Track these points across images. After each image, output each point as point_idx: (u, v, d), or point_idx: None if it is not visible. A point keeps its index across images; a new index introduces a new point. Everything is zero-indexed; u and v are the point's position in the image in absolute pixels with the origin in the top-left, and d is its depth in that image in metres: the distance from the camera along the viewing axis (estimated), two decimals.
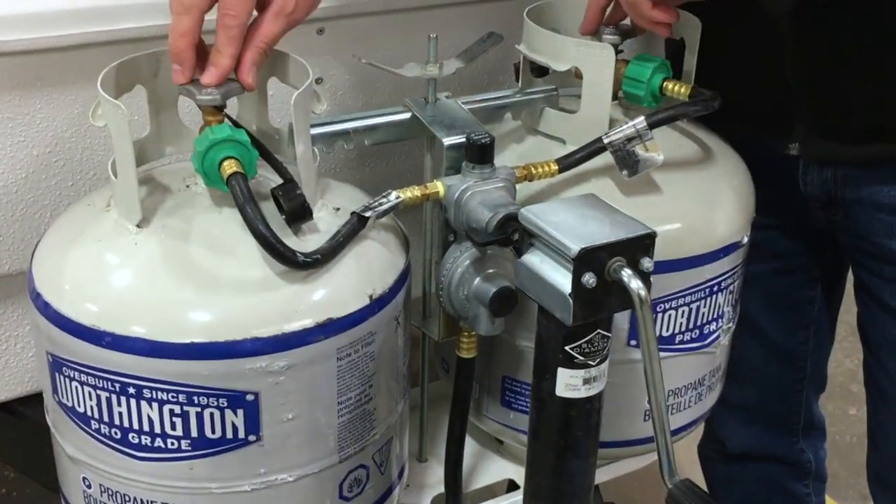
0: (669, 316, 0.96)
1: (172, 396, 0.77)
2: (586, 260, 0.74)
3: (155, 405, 0.78)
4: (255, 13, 0.82)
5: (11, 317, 1.04)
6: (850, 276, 1.26)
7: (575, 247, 0.73)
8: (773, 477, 1.37)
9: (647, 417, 1.01)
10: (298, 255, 0.77)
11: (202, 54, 0.83)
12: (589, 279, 0.74)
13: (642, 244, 0.76)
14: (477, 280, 0.88)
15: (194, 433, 0.79)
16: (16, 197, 0.96)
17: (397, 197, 0.84)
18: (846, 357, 2.25)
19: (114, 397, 0.78)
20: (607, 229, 0.76)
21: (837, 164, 1.05)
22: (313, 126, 0.87)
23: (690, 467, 1.47)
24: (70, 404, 0.82)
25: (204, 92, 0.81)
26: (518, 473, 1.11)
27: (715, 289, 0.98)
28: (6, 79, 0.91)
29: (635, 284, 0.74)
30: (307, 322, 0.79)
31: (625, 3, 0.94)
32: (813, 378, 1.30)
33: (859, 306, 1.16)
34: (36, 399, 1.06)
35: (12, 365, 1.06)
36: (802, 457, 1.36)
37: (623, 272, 0.74)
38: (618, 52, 0.96)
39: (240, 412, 0.79)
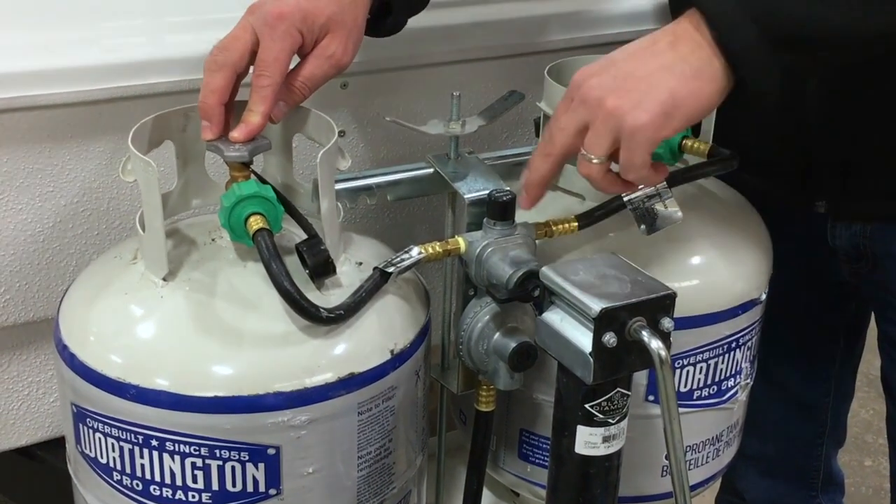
0: (687, 372, 0.97)
1: (195, 449, 0.78)
2: (607, 320, 0.74)
3: (177, 458, 0.79)
4: None
5: (34, 362, 1.05)
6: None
7: (596, 307, 0.74)
8: None
9: (664, 473, 1.01)
10: (322, 310, 0.78)
11: (229, 109, 0.84)
12: (609, 339, 0.75)
13: (662, 304, 0.76)
14: (497, 335, 0.88)
15: (215, 486, 0.79)
16: (42, 245, 0.98)
17: (419, 252, 0.85)
18: (861, 408, 2.24)
19: (136, 449, 0.79)
20: (628, 289, 0.76)
21: (866, 221, 1.05)
22: (337, 181, 0.88)
23: None
24: (93, 455, 0.82)
25: (231, 148, 0.82)
26: None
27: (733, 345, 0.98)
28: (38, 131, 0.93)
29: (655, 344, 0.75)
30: (329, 377, 0.80)
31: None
32: (833, 432, 1.30)
33: (884, 360, 1.16)
34: (55, 444, 1.07)
35: (33, 410, 1.07)
36: None
37: (643, 332, 0.75)
38: None
39: (261, 466, 0.79)
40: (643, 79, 0.75)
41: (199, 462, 0.78)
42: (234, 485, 0.79)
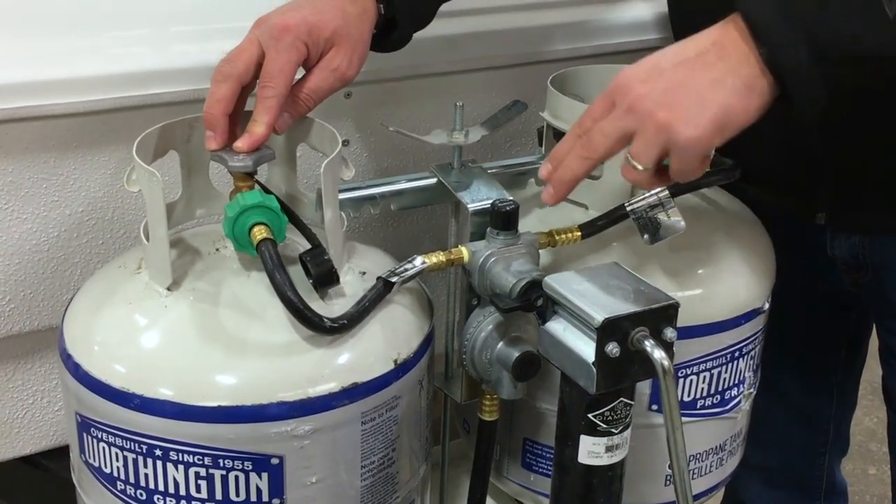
0: (691, 381, 0.97)
1: (198, 459, 0.78)
2: (610, 330, 0.74)
3: (181, 467, 0.79)
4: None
5: (39, 371, 1.05)
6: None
7: (599, 317, 0.74)
8: None
9: (667, 482, 1.01)
10: (325, 320, 0.79)
11: (233, 119, 0.85)
12: (612, 349, 0.75)
13: (665, 314, 0.76)
14: (500, 344, 0.88)
15: (219, 496, 0.79)
16: (47, 255, 0.98)
17: (423, 262, 0.85)
18: (865, 416, 2.23)
19: (140, 459, 0.79)
20: (631, 299, 0.77)
21: (866, 233, 1.05)
22: (341, 191, 0.88)
23: None
24: (97, 465, 0.83)
25: (236, 158, 0.83)
26: None
27: (736, 354, 0.98)
28: (43, 141, 0.94)
29: (658, 354, 0.75)
30: (332, 386, 0.80)
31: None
32: (836, 441, 1.30)
33: (885, 370, 1.16)
34: (59, 452, 1.07)
35: (38, 419, 1.07)
36: None
37: (646, 342, 0.75)
38: None
39: (264, 475, 0.79)
40: (694, 91, 0.75)
41: (202, 472, 0.79)
42: (237, 494, 0.79)
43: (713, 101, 0.74)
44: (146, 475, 0.80)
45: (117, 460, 0.80)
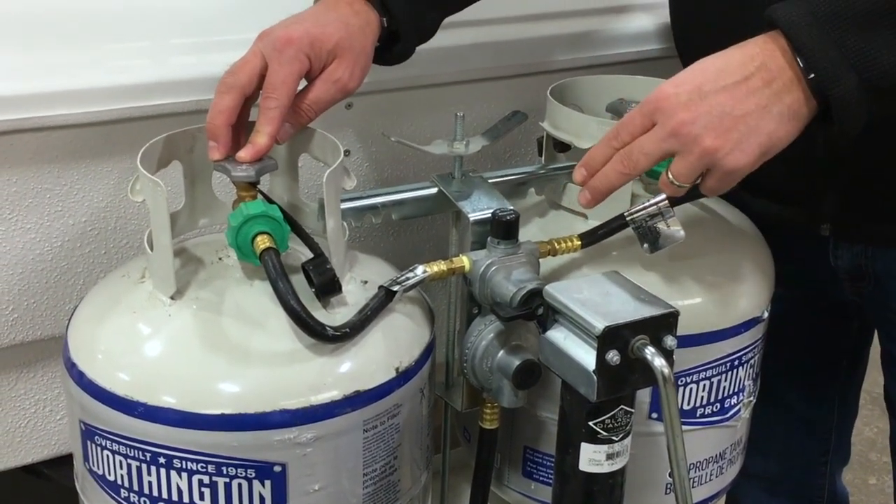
0: (690, 389, 0.97)
1: (202, 467, 0.79)
2: (610, 338, 0.75)
3: (184, 475, 0.79)
4: None
5: (41, 380, 1.06)
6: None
7: (599, 325, 0.75)
8: None
9: (668, 490, 1.01)
10: (328, 328, 0.79)
11: (237, 130, 0.86)
12: (613, 356, 0.75)
13: (665, 322, 0.77)
14: (501, 353, 0.89)
15: None
16: (50, 265, 0.99)
17: (424, 271, 0.86)
18: (865, 425, 2.23)
19: (144, 466, 0.80)
20: (631, 307, 0.77)
21: (869, 242, 1.05)
22: (343, 200, 0.89)
23: None
24: (101, 472, 0.83)
25: (238, 168, 0.83)
26: None
27: (736, 363, 0.99)
28: (46, 151, 0.95)
29: (659, 362, 0.75)
30: (335, 394, 0.80)
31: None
32: (837, 450, 1.30)
33: (887, 378, 1.16)
34: (62, 462, 1.07)
35: (40, 428, 1.07)
36: None
37: (646, 350, 0.76)
38: None
39: (267, 483, 0.80)
40: (741, 119, 0.75)
41: (206, 479, 0.79)
42: (241, 502, 0.80)
43: (759, 129, 0.76)
44: (150, 483, 0.80)
45: (121, 468, 0.81)
